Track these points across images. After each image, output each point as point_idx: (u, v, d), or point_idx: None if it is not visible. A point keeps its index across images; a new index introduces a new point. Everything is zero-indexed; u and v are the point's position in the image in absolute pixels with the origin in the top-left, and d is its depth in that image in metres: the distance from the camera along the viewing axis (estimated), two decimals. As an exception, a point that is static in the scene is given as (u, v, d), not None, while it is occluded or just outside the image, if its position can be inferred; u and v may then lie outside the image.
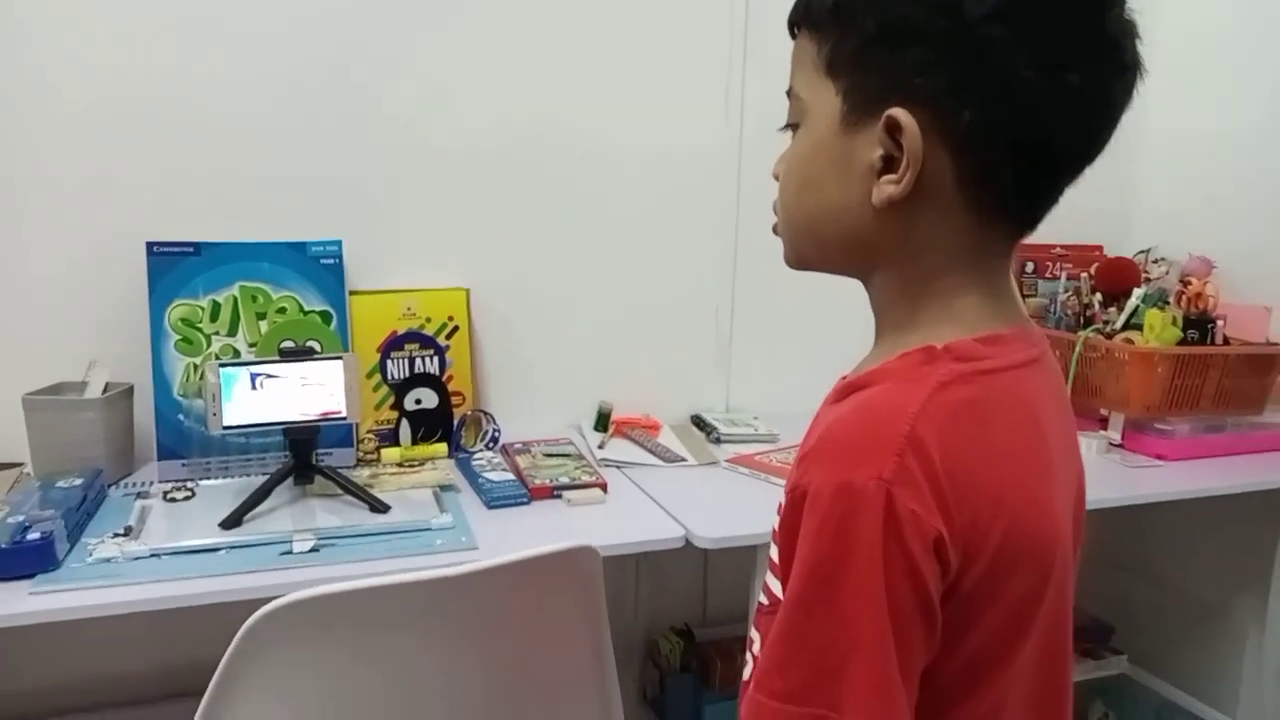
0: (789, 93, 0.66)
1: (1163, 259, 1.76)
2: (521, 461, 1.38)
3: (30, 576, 1.00)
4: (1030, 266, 1.84)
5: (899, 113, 0.57)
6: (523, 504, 1.25)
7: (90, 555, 1.05)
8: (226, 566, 1.04)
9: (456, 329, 1.48)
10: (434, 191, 1.49)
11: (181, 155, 1.36)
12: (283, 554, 1.07)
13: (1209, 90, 1.81)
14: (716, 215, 1.66)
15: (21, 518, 1.05)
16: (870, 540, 0.55)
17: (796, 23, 0.64)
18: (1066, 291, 1.73)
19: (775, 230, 0.70)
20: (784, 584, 0.60)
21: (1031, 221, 0.64)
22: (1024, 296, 1.81)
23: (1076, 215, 1.96)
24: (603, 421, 1.57)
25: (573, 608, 0.88)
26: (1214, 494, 1.44)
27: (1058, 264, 1.82)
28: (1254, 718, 1.63)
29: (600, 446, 1.50)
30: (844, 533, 0.56)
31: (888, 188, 0.59)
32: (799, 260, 0.70)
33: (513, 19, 1.48)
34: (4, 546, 1.00)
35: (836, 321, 1.27)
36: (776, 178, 0.68)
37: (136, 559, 1.05)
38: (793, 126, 0.66)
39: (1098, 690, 1.89)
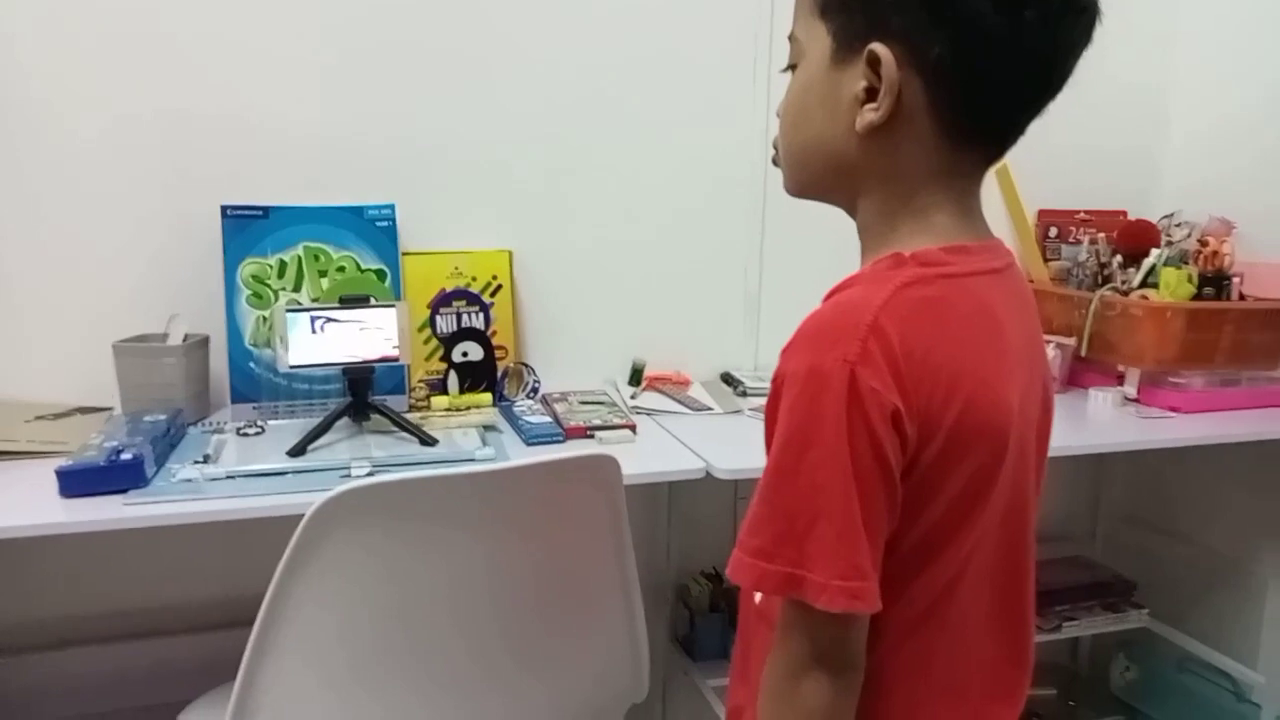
0: (790, 37, 0.75)
1: (1185, 223, 1.79)
2: (559, 408, 1.49)
3: (123, 492, 1.13)
4: (1054, 231, 1.90)
5: (878, 48, 0.66)
6: (558, 441, 1.36)
7: (175, 477, 1.18)
8: (293, 486, 1.16)
9: (500, 287, 1.59)
10: (480, 161, 1.60)
11: (250, 127, 1.49)
12: (342, 477, 1.19)
13: (1231, 58, 1.84)
14: (744, 183, 1.74)
15: (115, 443, 1.19)
16: (836, 413, 0.64)
17: None
18: (1088, 254, 1.78)
19: (775, 162, 0.80)
20: None
21: (999, 149, 0.72)
22: (1046, 260, 1.87)
23: (1102, 181, 2.03)
24: (636, 377, 1.67)
25: (596, 507, 0.98)
26: (1225, 441, 1.49)
27: (1081, 228, 1.87)
28: (1274, 667, 1.67)
29: (633, 397, 1.60)
30: (814, 407, 0.65)
31: (869, 115, 0.68)
32: (796, 187, 0.79)
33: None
34: (101, 464, 1.13)
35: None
36: (779, 115, 0.78)
37: (214, 479, 1.17)
38: (792, 68, 0.75)
39: (1120, 644, 1.94)
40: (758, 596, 0.80)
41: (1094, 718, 1.91)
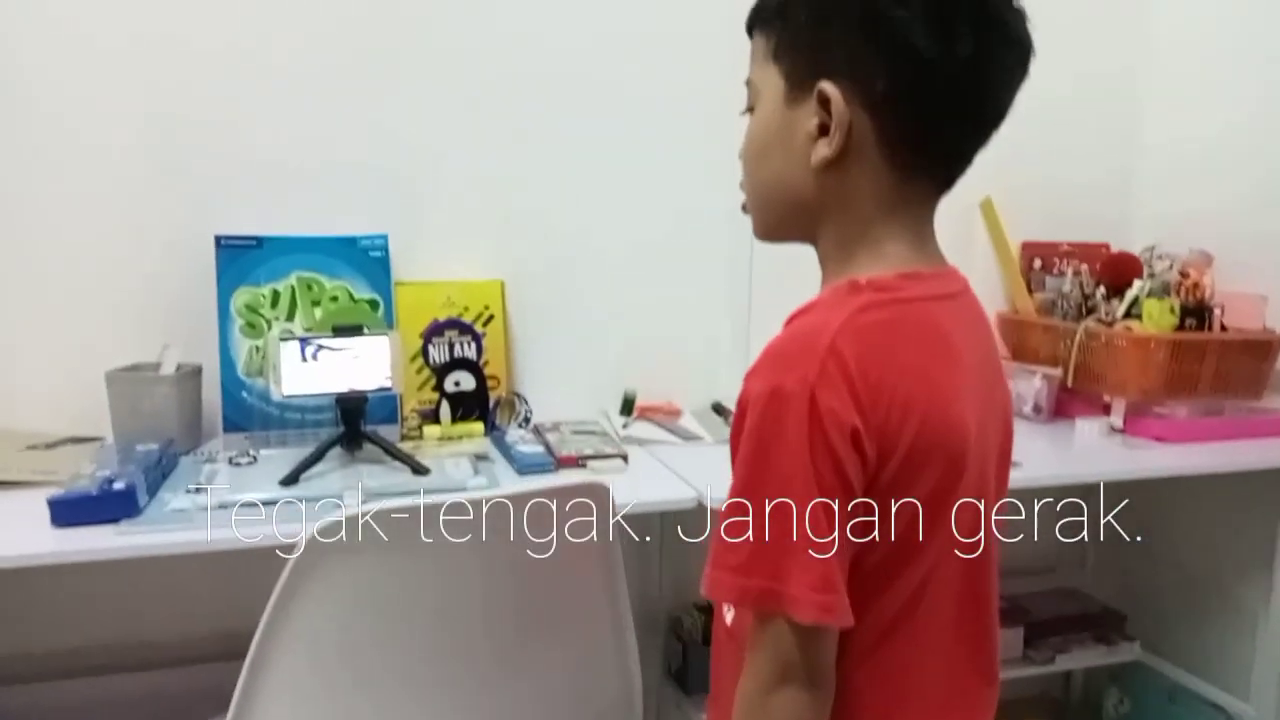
0: (746, 82, 0.80)
1: (1165, 255, 1.82)
2: (551, 438, 1.49)
3: (115, 521, 1.12)
4: (1038, 263, 1.93)
5: (826, 86, 0.70)
6: (550, 471, 1.36)
7: (167, 506, 1.18)
8: (285, 516, 1.16)
9: (492, 317, 1.61)
10: (472, 192, 1.62)
11: (243, 154, 1.50)
12: (335, 507, 1.17)
13: (1206, 89, 1.88)
14: (733, 214, 1.75)
15: (108, 472, 1.19)
16: (798, 432, 0.66)
17: (751, 24, 0.79)
18: (1071, 285, 1.81)
19: (744, 208, 0.83)
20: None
21: (947, 179, 0.76)
22: (1030, 292, 1.89)
23: (1083, 214, 2.06)
24: (628, 407, 1.68)
25: (587, 535, 0.98)
26: (1211, 472, 1.50)
27: (1065, 260, 1.90)
28: (1264, 698, 1.67)
29: (624, 427, 1.61)
30: (777, 427, 0.67)
31: (822, 150, 0.72)
32: (764, 230, 0.83)
33: (536, 27, 1.62)
34: (94, 493, 1.13)
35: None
36: (740, 157, 0.81)
37: (207, 509, 1.18)
38: (750, 110, 0.79)
39: (1112, 676, 1.94)
40: (728, 617, 0.82)
41: (1087, 750, 1.90)
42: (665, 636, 1.74)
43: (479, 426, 1.54)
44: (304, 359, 1.30)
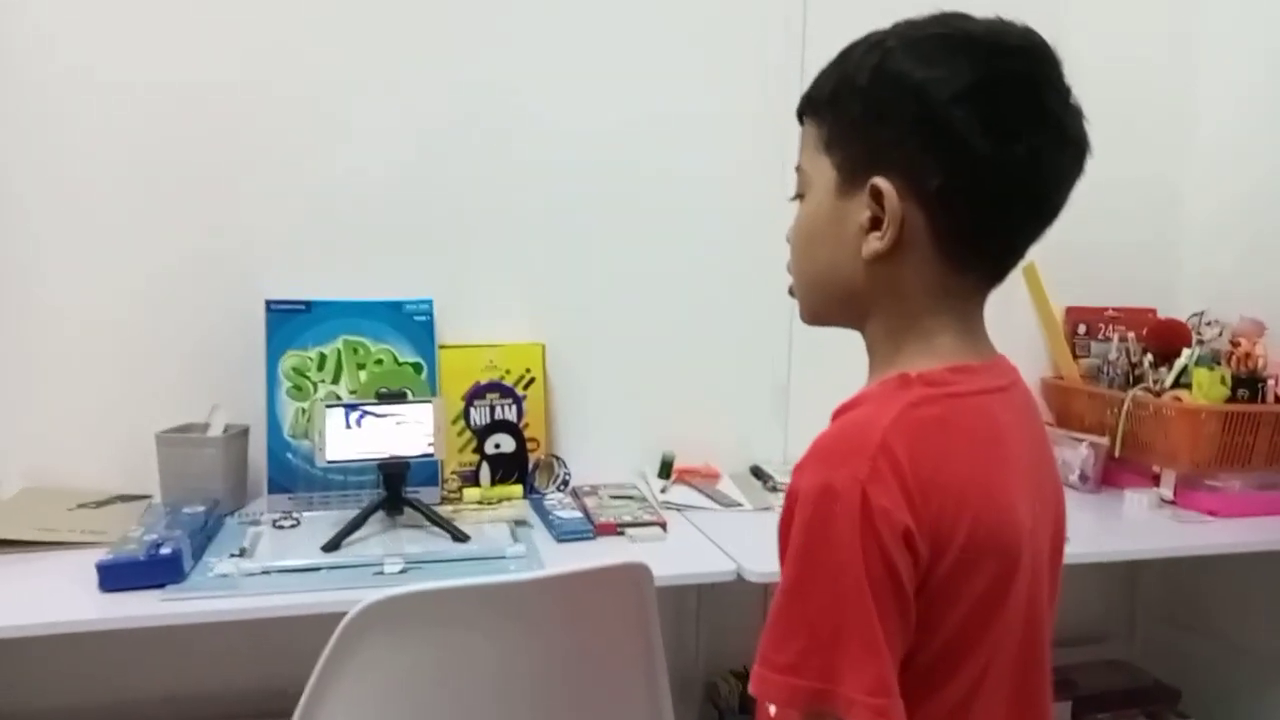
0: (797, 169, 0.80)
1: (1215, 321, 1.79)
2: (589, 502, 1.49)
3: (160, 586, 1.14)
4: (1082, 328, 1.90)
5: (880, 181, 0.70)
6: (589, 538, 1.36)
7: (211, 571, 1.19)
8: (327, 583, 1.17)
9: (533, 380, 1.62)
10: (513, 256, 1.64)
11: (294, 220, 1.54)
12: (375, 574, 1.20)
13: (1253, 151, 1.86)
14: (772, 275, 1.76)
15: (155, 536, 1.21)
16: (849, 531, 0.65)
17: (802, 111, 0.79)
18: (1118, 353, 1.78)
19: (791, 292, 0.82)
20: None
21: (998, 272, 0.75)
22: (1075, 358, 1.87)
23: (1130, 278, 2.01)
24: (665, 469, 1.68)
25: (626, 613, 0.98)
26: (1267, 549, 1.45)
27: (1110, 326, 1.87)
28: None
29: (662, 491, 1.60)
30: (827, 525, 0.66)
31: (874, 243, 0.71)
32: (811, 315, 0.82)
33: (580, 93, 1.65)
34: (141, 559, 1.15)
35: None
36: (788, 241, 0.81)
37: (250, 575, 1.19)
38: (800, 197, 0.79)
39: (1165, 756, 1.87)
40: (772, 709, 0.80)
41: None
42: (701, 704, 1.71)
43: (518, 489, 1.55)
44: (348, 425, 1.32)
